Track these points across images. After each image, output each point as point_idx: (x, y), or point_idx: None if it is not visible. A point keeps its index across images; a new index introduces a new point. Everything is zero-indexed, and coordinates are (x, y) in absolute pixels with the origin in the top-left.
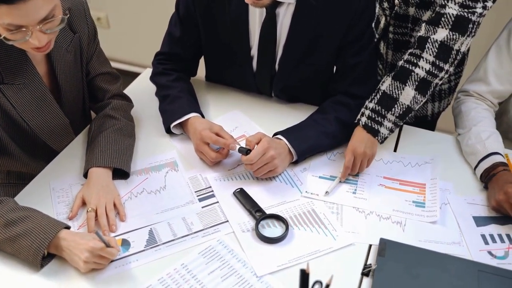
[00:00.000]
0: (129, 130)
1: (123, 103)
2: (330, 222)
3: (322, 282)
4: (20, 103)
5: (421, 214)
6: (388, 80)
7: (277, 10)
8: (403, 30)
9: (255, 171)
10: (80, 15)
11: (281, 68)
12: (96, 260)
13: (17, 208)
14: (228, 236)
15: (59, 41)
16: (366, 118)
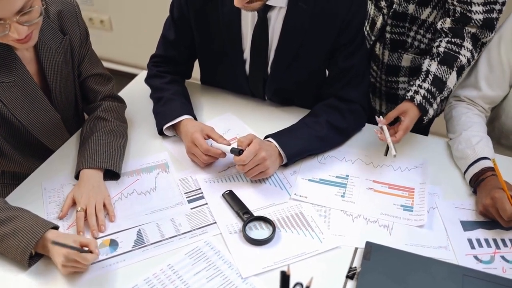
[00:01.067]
0: (120, 131)
1: (114, 105)
2: (317, 225)
3: (303, 284)
4: (11, 101)
5: (408, 218)
6: (434, 64)
7: (269, 14)
8: (400, 30)
9: (247, 172)
10: (72, 17)
11: (273, 71)
12: (73, 264)
13: (6, 208)
14: (216, 237)
15: (48, 42)
16: (422, 97)
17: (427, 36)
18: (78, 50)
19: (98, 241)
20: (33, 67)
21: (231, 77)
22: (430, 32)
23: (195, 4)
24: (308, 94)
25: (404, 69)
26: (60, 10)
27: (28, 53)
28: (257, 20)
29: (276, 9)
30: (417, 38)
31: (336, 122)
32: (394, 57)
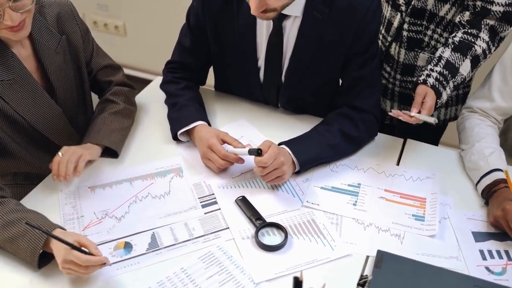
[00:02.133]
0: (127, 113)
1: (124, 89)
2: (329, 232)
3: None
4: (13, 98)
5: (420, 227)
6: (447, 51)
7: (284, 22)
8: (418, 28)
9: (264, 175)
10: (69, 17)
11: (287, 80)
12: (70, 266)
13: (16, 209)
14: (228, 242)
15: (47, 43)
16: (434, 80)
17: (444, 35)
18: (83, 48)
19: (113, 243)
20: (31, 65)
21: (245, 84)
22: (447, 31)
23: (211, 12)
24: (321, 103)
25: (419, 68)
26: (58, 12)
27: (25, 51)
28: (272, 28)
29: (291, 18)
30: (434, 37)
31: (349, 131)
32: (410, 56)
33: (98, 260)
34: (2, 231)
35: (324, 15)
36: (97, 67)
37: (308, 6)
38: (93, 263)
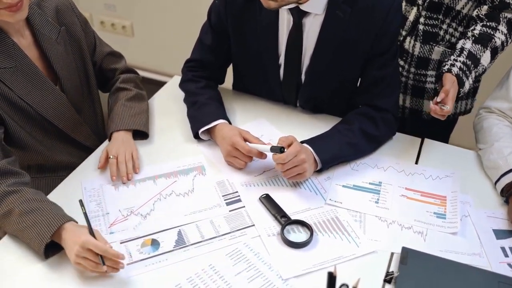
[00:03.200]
0: (141, 96)
1: (131, 76)
2: (353, 229)
3: (349, 285)
4: (17, 85)
5: (442, 225)
6: (468, 42)
7: (304, 20)
8: (433, 22)
9: (285, 171)
10: (67, 9)
11: (307, 79)
12: (86, 255)
13: (31, 199)
14: (254, 239)
15: (48, 33)
16: (458, 69)
17: (459, 30)
18: (85, 40)
19: (140, 240)
20: (32, 54)
21: (265, 82)
22: (462, 25)
23: (233, 10)
24: (339, 102)
25: (433, 62)
26: (56, 5)
27: (25, 41)
28: (292, 25)
29: (311, 15)
30: (449, 31)
31: (369, 130)
32: (426, 49)
33: (116, 254)
34: (18, 220)
35: (346, 14)
36: (101, 56)
37: (331, 5)
38: (110, 255)
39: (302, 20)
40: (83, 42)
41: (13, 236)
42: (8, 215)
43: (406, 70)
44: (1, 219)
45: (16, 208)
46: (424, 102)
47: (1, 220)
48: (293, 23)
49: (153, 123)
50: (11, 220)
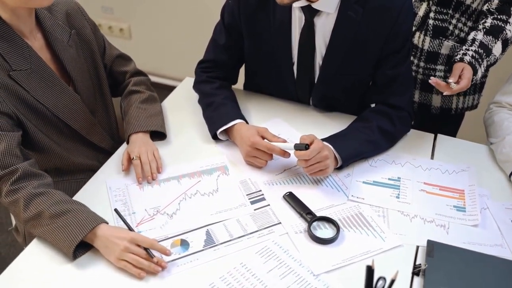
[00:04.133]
0: (154, 98)
1: (142, 78)
2: (377, 224)
3: (386, 278)
4: (32, 86)
5: (462, 218)
6: (480, 34)
7: (316, 18)
8: (443, 17)
9: (308, 167)
10: (77, 13)
11: (320, 78)
12: (133, 250)
13: (62, 200)
14: (282, 237)
15: (59, 36)
16: (470, 57)
17: (468, 24)
18: (95, 43)
19: (169, 241)
20: (44, 56)
21: (279, 80)
22: (471, 20)
23: (247, 9)
24: (352, 101)
25: (442, 56)
26: (66, 9)
27: (37, 43)
28: (304, 23)
29: (323, 14)
30: (458, 26)
31: (386, 128)
32: (435, 44)
33: (163, 248)
34: (48, 222)
35: (358, 14)
36: (111, 58)
37: (343, 6)
38: (158, 249)
39: (313, 19)
40: (93, 45)
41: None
42: (38, 217)
43: (415, 64)
44: (31, 220)
45: (46, 210)
46: (433, 97)
47: (30, 222)
48: (304, 21)
49: (168, 125)
50: (41, 222)
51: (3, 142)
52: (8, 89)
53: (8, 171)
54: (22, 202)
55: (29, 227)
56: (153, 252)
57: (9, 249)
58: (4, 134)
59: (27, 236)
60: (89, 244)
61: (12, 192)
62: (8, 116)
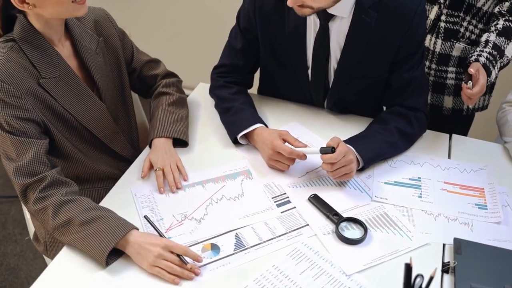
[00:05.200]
0: (182, 101)
1: (173, 80)
2: (403, 224)
3: (423, 275)
4: (60, 94)
5: (485, 215)
6: (493, 35)
7: (330, 23)
8: (455, 19)
9: (333, 171)
10: (105, 21)
11: (335, 82)
12: (167, 257)
13: (91, 207)
14: (311, 238)
15: (88, 44)
16: (485, 59)
17: (479, 27)
18: (122, 50)
19: (199, 245)
20: (72, 63)
21: (293, 84)
22: (482, 22)
23: (262, 14)
24: (367, 104)
25: (454, 58)
26: (94, 17)
27: (65, 50)
28: (319, 28)
29: (337, 18)
30: (469, 28)
31: (405, 129)
32: (447, 46)
33: (196, 254)
34: (78, 229)
35: (372, 18)
36: (140, 64)
37: (357, 10)
38: (191, 256)
39: (328, 24)
40: (119, 53)
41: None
42: (68, 224)
43: (427, 67)
44: (60, 228)
45: (76, 218)
46: (444, 98)
47: (60, 229)
48: (319, 26)
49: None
50: (71, 229)
51: (32, 149)
52: (37, 97)
53: (36, 178)
54: (51, 209)
55: (58, 234)
56: (186, 258)
57: (18, 260)
58: (32, 141)
59: (48, 244)
60: (120, 250)
61: (40, 199)
62: (36, 123)
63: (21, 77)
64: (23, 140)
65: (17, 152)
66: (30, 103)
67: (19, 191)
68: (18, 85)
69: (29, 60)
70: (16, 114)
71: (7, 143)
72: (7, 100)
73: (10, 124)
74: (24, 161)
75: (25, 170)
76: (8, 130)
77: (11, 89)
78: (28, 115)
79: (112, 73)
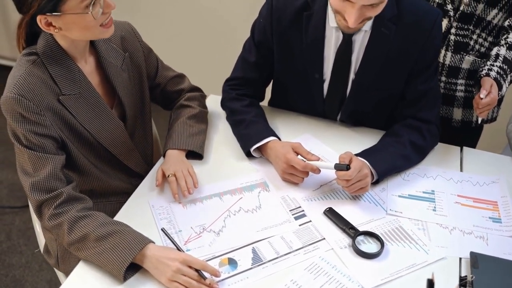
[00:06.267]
0: (203, 115)
1: (196, 94)
2: (419, 237)
3: None
4: (79, 111)
5: (499, 229)
6: (503, 49)
7: (354, 36)
8: (464, 32)
9: (349, 186)
10: (131, 36)
11: (352, 94)
12: (185, 272)
13: (106, 222)
14: (328, 253)
15: (114, 61)
16: (496, 73)
17: (489, 40)
18: (145, 66)
19: (217, 260)
20: (94, 79)
21: (307, 97)
22: (492, 35)
23: (280, 28)
24: (381, 116)
25: (463, 71)
26: (121, 33)
27: (88, 67)
28: (342, 41)
29: (361, 32)
30: (478, 41)
31: (418, 142)
32: (456, 59)
33: (214, 269)
34: (94, 245)
35: (391, 31)
36: (165, 80)
37: (376, 23)
38: (209, 271)
39: (352, 37)
40: (143, 69)
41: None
42: (84, 239)
43: None
44: (76, 243)
45: (92, 233)
46: (453, 110)
47: (76, 245)
48: (342, 39)
49: None
50: (87, 245)
51: (49, 165)
52: (55, 113)
53: (52, 195)
54: (66, 225)
55: (74, 250)
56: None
57: (24, 271)
58: (50, 157)
59: (60, 258)
60: (137, 265)
61: (55, 215)
62: (54, 139)
63: (41, 93)
64: (41, 155)
65: (34, 167)
66: (49, 119)
67: (34, 206)
68: (38, 101)
69: (51, 75)
70: (35, 129)
71: (24, 157)
72: (26, 115)
73: (28, 139)
74: (40, 177)
75: (41, 186)
76: (26, 144)
77: (31, 105)
78: (46, 131)
79: (135, 90)
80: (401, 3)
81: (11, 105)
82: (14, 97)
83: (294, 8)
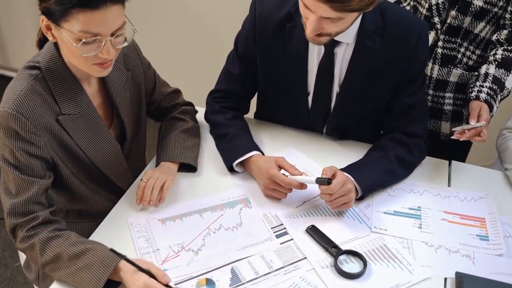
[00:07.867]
0: (195, 130)
1: (190, 109)
2: (403, 256)
3: None
4: (76, 132)
5: (486, 247)
6: (492, 67)
7: (336, 49)
8: (452, 45)
9: (331, 201)
10: (133, 53)
11: (336, 107)
12: None
13: (79, 241)
14: (309, 272)
15: (117, 80)
16: (486, 95)
17: (476, 53)
18: (144, 82)
19: (194, 280)
20: (97, 100)
21: (293, 110)
22: (479, 48)
23: (263, 40)
24: (367, 129)
25: (451, 84)
26: (124, 51)
27: (90, 88)
28: (324, 54)
29: (343, 45)
30: (466, 54)
31: (404, 156)
32: (444, 72)
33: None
34: (68, 264)
35: (376, 43)
36: (161, 97)
37: (361, 35)
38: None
39: (334, 50)
40: (142, 87)
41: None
42: (57, 260)
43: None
44: (50, 264)
45: (64, 252)
46: (441, 124)
47: (50, 265)
48: (324, 52)
49: None
50: (60, 264)
51: (32, 189)
52: (52, 133)
53: (28, 218)
54: (38, 246)
55: (49, 270)
56: None
57: (8, 285)
58: (35, 180)
59: (40, 274)
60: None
61: (27, 237)
62: (44, 160)
63: (40, 112)
64: (26, 178)
65: (17, 189)
66: (43, 139)
67: (8, 229)
68: (36, 120)
69: (52, 93)
70: (26, 148)
71: (9, 178)
72: (21, 133)
73: (17, 157)
74: (20, 199)
75: (19, 209)
76: (13, 163)
77: (28, 123)
78: (38, 151)
79: (134, 109)
80: (386, 15)
81: (7, 121)
82: (12, 114)
83: (277, 19)
